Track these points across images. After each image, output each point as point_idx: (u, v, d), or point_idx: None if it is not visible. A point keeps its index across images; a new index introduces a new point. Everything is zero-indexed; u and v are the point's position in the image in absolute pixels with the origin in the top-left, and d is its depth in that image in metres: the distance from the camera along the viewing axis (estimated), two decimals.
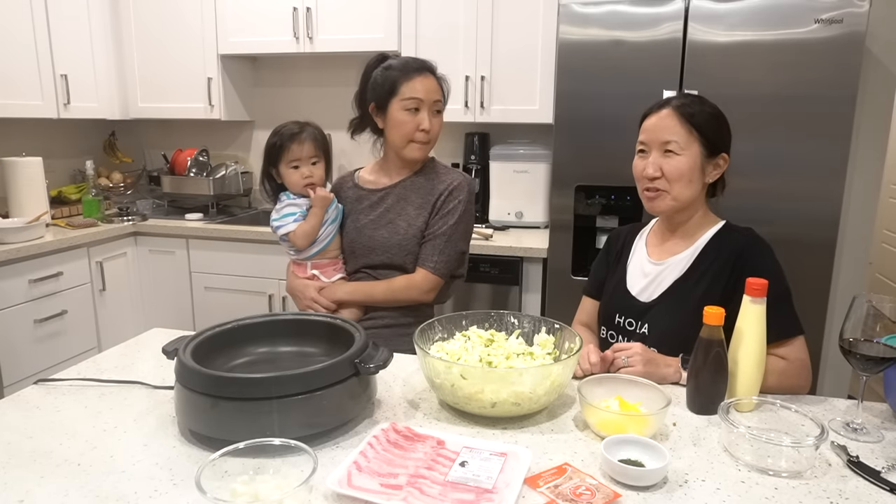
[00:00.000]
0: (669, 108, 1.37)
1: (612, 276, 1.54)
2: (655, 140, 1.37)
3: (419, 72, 1.61)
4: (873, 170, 2.61)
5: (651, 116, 1.40)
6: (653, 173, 1.36)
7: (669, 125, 1.35)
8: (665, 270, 1.42)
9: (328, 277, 1.72)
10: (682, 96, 1.41)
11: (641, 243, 1.52)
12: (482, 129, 3.11)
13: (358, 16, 2.94)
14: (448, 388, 1.10)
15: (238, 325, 1.24)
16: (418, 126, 1.61)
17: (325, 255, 1.73)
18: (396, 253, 1.65)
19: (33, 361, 2.59)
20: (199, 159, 3.37)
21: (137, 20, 3.25)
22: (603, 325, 1.51)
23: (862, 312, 1.08)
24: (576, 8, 2.32)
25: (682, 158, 1.34)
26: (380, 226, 1.68)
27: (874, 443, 1.06)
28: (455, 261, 1.68)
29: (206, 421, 1.00)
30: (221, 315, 1.34)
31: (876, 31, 2.47)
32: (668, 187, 1.36)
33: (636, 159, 1.43)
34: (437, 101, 1.64)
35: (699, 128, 1.34)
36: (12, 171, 2.83)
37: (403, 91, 1.60)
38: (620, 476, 0.92)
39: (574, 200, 2.44)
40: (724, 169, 1.40)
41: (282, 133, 1.70)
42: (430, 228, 1.66)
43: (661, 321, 1.38)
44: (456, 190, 1.67)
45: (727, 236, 1.39)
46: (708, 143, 1.35)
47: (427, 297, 1.68)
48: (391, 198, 1.70)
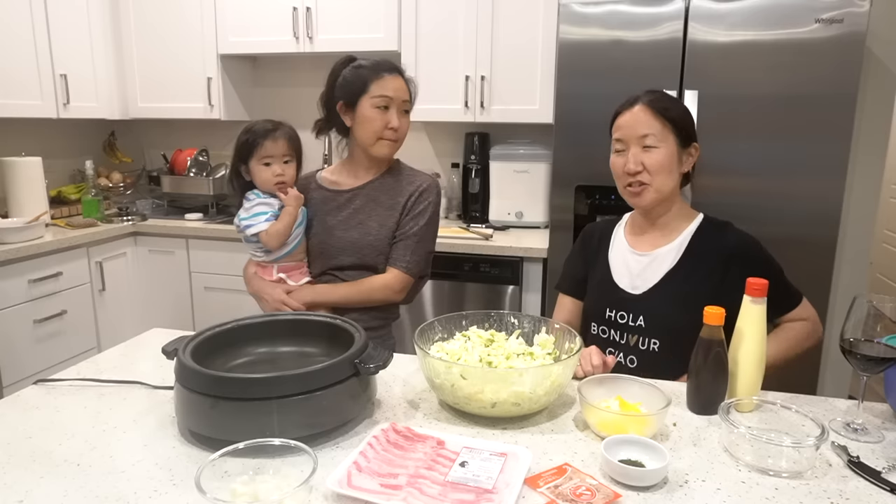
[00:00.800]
0: (641, 104, 1.40)
1: (594, 272, 1.55)
2: (632, 135, 1.39)
3: (390, 72, 1.63)
4: (873, 170, 2.61)
5: (624, 114, 1.42)
6: (634, 168, 1.39)
7: (644, 119, 1.38)
8: (653, 262, 1.44)
9: (295, 281, 1.70)
10: (650, 92, 1.43)
11: (620, 237, 1.54)
12: (482, 129, 3.11)
13: (358, 16, 2.95)
14: (448, 388, 1.10)
15: (238, 325, 1.24)
16: (387, 124, 1.61)
17: (291, 259, 1.71)
18: (368, 253, 1.65)
19: (33, 361, 2.59)
20: (199, 159, 3.37)
21: (137, 20, 3.25)
22: (593, 322, 1.51)
23: (862, 312, 1.08)
24: (576, 8, 2.31)
25: (660, 150, 1.38)
26: (350, 227, 1.67)
27: (875, 443, 1.05)
28: (424, 261, 1.70)
29: (206, 421, 1.00)
30: (221, 315, 1.33)
31: (876, 31, 2.47)
32: (650, 180, 1.39)
33: (613, 157, 1.45)
34: (405, 100, 1.64)
35: (672, 120, 1.39)
36: (12, 171, 2.83)
37: (373, 89, 1.61)
38: (620, 476, 0.92)
39: (574, 200, 2.44)
40: (696, 158, 1.45)
41: (255, 129, 1.67)
42: (400, 229, 1.66)
43: (656, 311, 1.40)
44: (426, 192, 1.68)
45: (712, 231, 1.44)
46: (681, 133, 1.40)
47: (398, 296, 1.68)
48: (360, 199, 1.69)
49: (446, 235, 2.68)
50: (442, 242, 2.36)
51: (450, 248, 2.65)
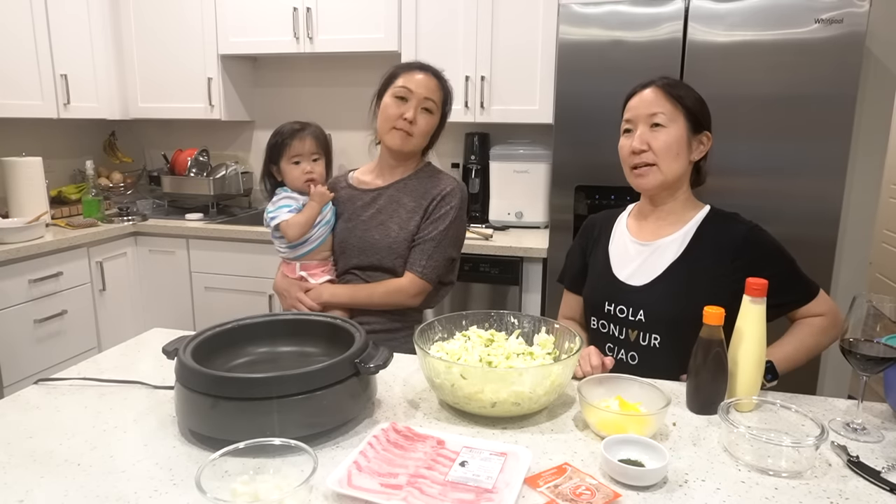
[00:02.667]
0: (654, 86, 1.38)
1: (593, 264, 1.51)
2: (642, 114, 1.36)
3: (421, 69, 1.64)
4: (873, 170, 2.61)
5: (636, 95, 1.40)
6: (639, 146, 1.35)
7: (654, 99, 1.36)
8: (655, 252, 1.40)
9: (315, 279, 1.71)
10: (665, 77, 1.40)
11: (621, 227, 1.49)
12: (482, 129, 3.11)
13: (358, 16, 2.95)
14: (448, 388, 1.10)
15: (238, 325, 1.24)
16: (401, 114, 1.61)
17: (314, 257, 1.72)
18: (386, 255, 1.65)
19: (33, 361, 2.59)
20: (200, 159, 3.37)
21: (137, 20, 3.25)
22: (592, 316, 1.48)
23: (862, 312, 1.08)
24: (576, 8, 2.32)
25: (669, 130, 1.34)
26: (371, 227, 1.67)
27: (874, 443, 1.05)
28: (443, 266, 1.67)
29: (206, 421, 1.00)
30: (221, 315, 1.34)
31: (876, 31, 2.47)
32: (655, 160, 1.35)
33: (622, 140, 1.41)
34: (427, 98, 1.63)
35: (683, 102, 1.36)
36: (12, 171, 2.83)
37: (398, 80, 1.63)
38: (620, 476, 0.92)
39: (574, 200, 2.44)
40: (708, 148, 1.41)
41: (283, 131, 1.72)
42: (420, 233, 1.65)
43: (658, 304, 1.36)
44: (449, 195, 1.66)
45: (720, 222, 1.39)
46: (693, 118, 1.36)
47: (413, 301, 1.66)
48: (383, 199, 1.70)
49: None
50: None
51: None
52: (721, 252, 1.34)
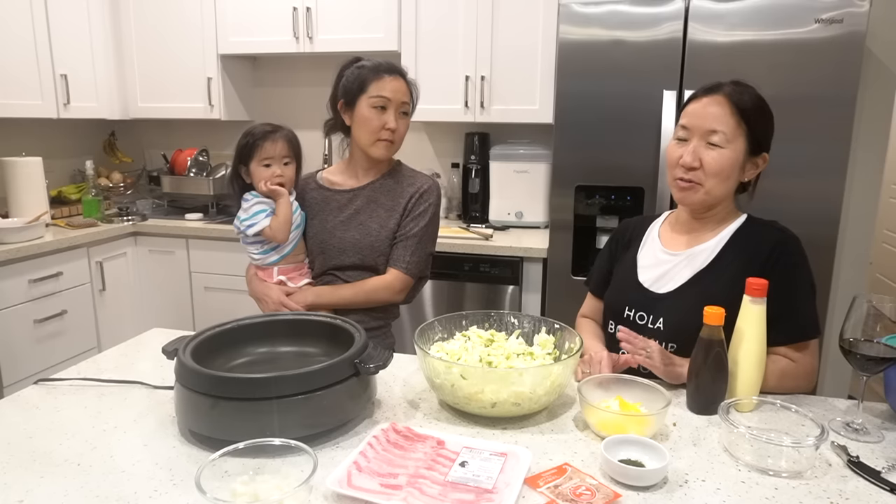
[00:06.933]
0: (721, 95, 1.26)
1: (619, 268, 1.47)
2: (700, 127, 1.26)
3: (389, 73, 1.62)
4: (873, 170, 2.61)
5: (699, 100, 1.29)
6: (691, 162, 1.26)
7: (718, 114, 1.25)
8: (682, 262, 1.34)
9: (295, 283, 1.70)
10: (734, 83, 1.29)
11: (654, 235, 1.44)
12: (482, 129, 3.11)
13: (358, 16, 2.95)
14: (448, 388, 1.10)
15: (238, 325, 1.24)
16: (384, 125, 1.61)
17: (289, 261, 1.72)
18: (369, 254, 1.65)
19: (33, 361, 2.59)
20: (199, 159, 3.37)
21: (137, 20, 3.25)
22: (611, 320, 1.43)
23: (862, 312, 1.08)
24: (576, 8, 2.32)
25: (725, 152, 1.25)
26: (350, 227, 1.67)
27: (874, 443, 1.06)
28: (424, 262, 1.70)
29: (206, 421, 1.00)
30: (221, 315, 1.33)
31: (876, 31, 2.47)
32: (703, 180, 1.27)
33: (672, 144, 1.32)
34: (404, 102, 1.64)
35: (748, 121, 1.26)
36: (12, 171, 2.83)
37: (371, 89, 1.61)
38: (620, 476, 0.92)
39: (574, 200, 2.44)
40: (762, 169, 1.33)
41: (255, 132, 1.68)
42: (401, 230, 1.67)
43: (678, 313, 1.29)
44: (426, 193, 1.68)
45: (754, 230, 1.32)
46: (754, 139, 1.27)
47: (398, 297, 1.69)
48: (360, 199, 1.70)
49: (446, 235, 2.68)
50: (442, 242, 2.36)
51: (450, 248, 2.65)
52: (750, 262, 1.27)
